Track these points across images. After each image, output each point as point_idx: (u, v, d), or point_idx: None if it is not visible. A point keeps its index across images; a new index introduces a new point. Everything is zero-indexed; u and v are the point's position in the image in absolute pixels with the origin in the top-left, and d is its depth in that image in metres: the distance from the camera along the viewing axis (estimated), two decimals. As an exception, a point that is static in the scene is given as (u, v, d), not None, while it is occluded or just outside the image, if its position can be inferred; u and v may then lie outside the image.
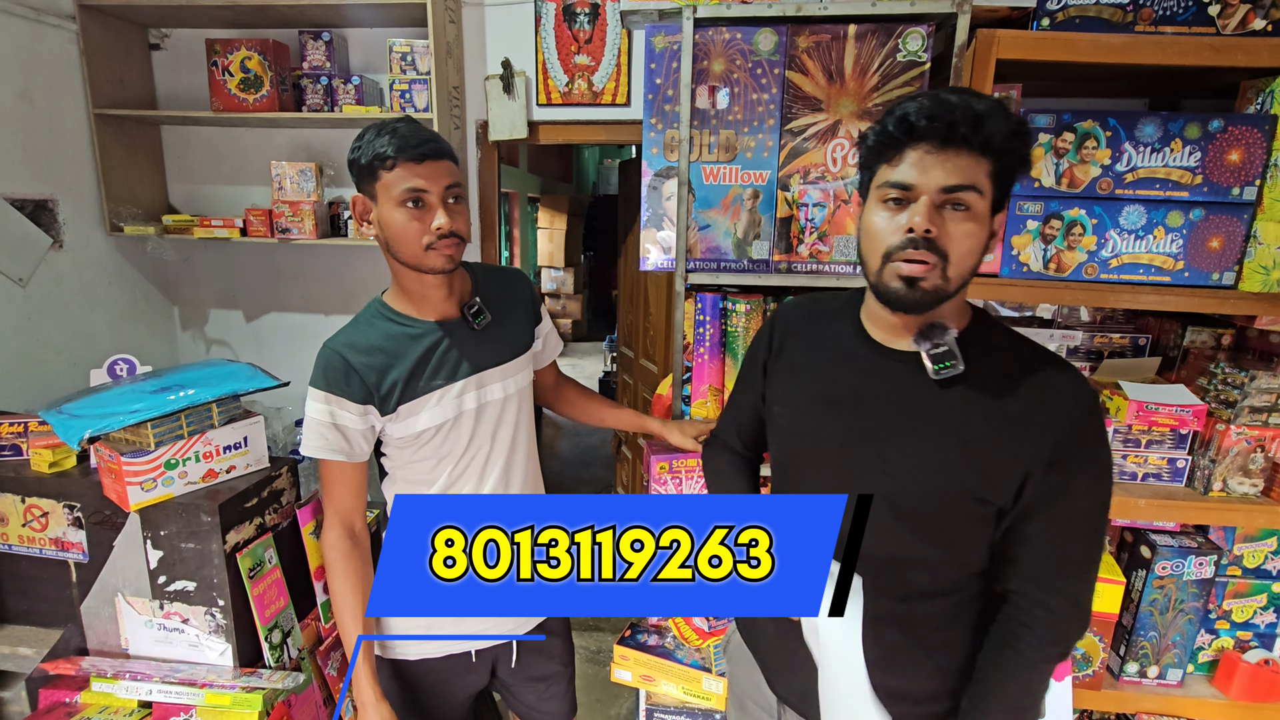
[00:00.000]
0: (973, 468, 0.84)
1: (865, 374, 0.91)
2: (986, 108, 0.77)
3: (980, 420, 0.84)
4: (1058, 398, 0.83)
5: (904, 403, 0.88)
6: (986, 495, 0.84)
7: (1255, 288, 1.38)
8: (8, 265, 1.88)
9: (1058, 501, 0.84)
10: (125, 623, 1.27)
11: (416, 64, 1.95)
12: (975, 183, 0.78)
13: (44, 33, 1.95)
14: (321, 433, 1.10)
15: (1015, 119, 0.79)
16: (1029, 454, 0.82)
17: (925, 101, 0.79)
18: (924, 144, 0.78)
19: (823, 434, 0.93)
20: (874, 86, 1.41)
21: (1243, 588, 1.58)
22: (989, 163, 0.79)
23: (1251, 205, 1.37)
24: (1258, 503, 1.48)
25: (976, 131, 0.76)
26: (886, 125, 0.81)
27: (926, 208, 0.79)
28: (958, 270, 0.81)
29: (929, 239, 0.79)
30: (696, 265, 1.52)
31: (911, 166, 0.79)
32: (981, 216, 0.80)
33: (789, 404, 0.99)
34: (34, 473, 1.34)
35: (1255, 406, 1.46)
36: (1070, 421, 0.82)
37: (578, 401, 1.52)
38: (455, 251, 1.09)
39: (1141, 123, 1.36)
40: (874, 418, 0.89)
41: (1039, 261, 1.44)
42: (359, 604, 1.15)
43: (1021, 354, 0.88)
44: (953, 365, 0.84)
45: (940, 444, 0.85)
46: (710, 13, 1.39)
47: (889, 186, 0.81)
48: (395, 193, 1.05)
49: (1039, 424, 0.82)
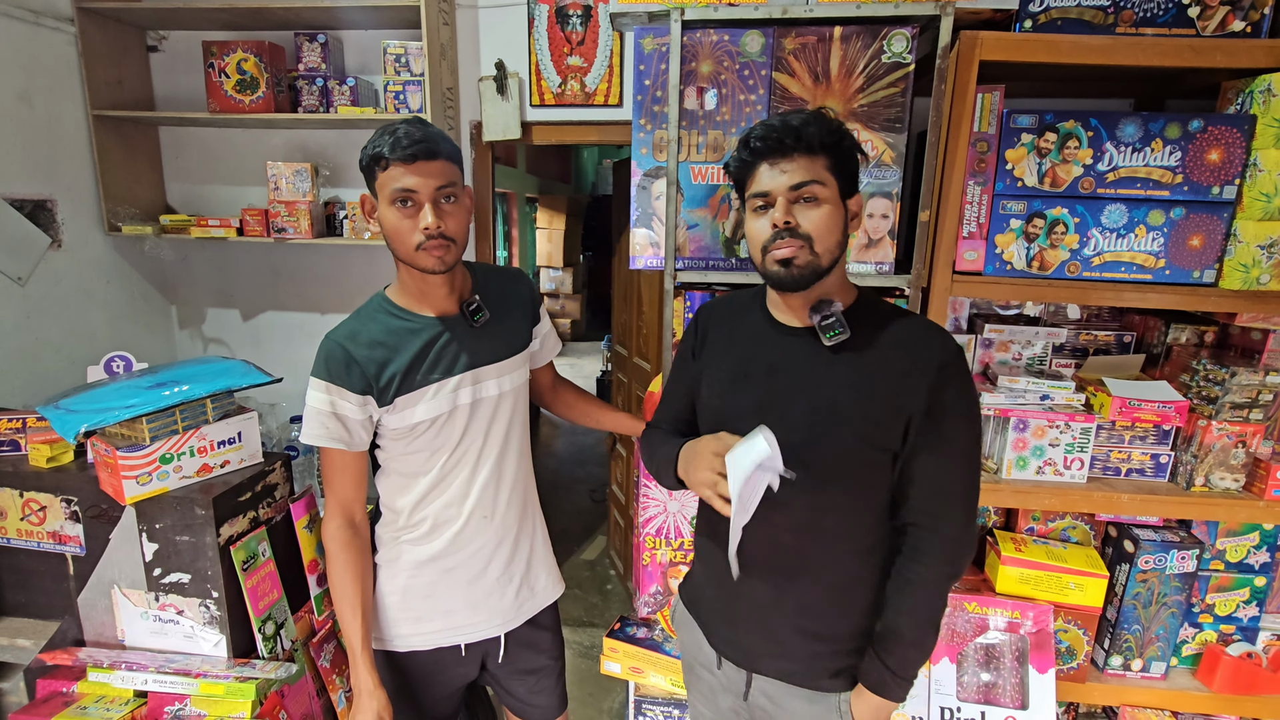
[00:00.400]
0: (865, 417, 1.00)
1: (772, 350, 1.07)
2: (802, 121, 0.97)
3: (868, 377, 1.01)
4: (927, 353, 1.00)
5: (804, 369, 1.04)
6: (879, 441, 1.00)
7: (1235, 285, 1.40)
8: (7, 264, 1.91)
9: (935, 442, 1.00)
10: (121, 614, 1.29)
11: (410, 65, 1.97)
12: (815, 177, 0.97)
13: (43, 35, 1.97)
14: (322, 421, 1.13)
15: (831, 124, 0.98)
16: (909, 402, 0.98)
17: (759, 128, 0.99)
18: (767, 158, 0.98)
19: (741, 403, 1.08)
20: (859, 88, 1.43)
21: (1225, 581, 1.60)
22: (824, 159, 0.97)
23: (1231, 204, 1.39)
24: (1239, 497, 1.50)
25: (800, 140, 0.96)
26: (740, 152, 1.01)
27: (783, 204, 0.97)
28: (823, 246, 0.98)
29: (790, 228, 0.97)
30: (685, 264, 1.54)
31: (764, 177, 0.98)
32: (832, 201, 0.98)
33: (713, 383, 1.13)
34: (32, 467, 1.36)
35: (1236, 402, 1.48)
36: (937, 371, 0.98)
37: (574, 403, 1.54)
38: (444, 253, 1.11)
39: (1122, 123, 1.38)
40: (781, 384, 1.05)
41: (1022, 259, 1.46)
42: (357, 593, 1.18)
43: (899, 321, 1.04)
44: (841, 332, 1.00)
45: (836, 400, 1.01)
46: (698, 15, 1.41)
47: (754, 197, 1.00)
48: (388, 192, 1.09)
49: (914, 376, 0.99)
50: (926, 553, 1.03)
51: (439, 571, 1.24)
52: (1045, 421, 1.52)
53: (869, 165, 1.44)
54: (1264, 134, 1.34)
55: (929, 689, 1.51)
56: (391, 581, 1.24)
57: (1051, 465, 1.55)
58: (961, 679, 1.52)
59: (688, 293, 1.55)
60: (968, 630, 1.53)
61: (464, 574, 1.25)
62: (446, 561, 1.24)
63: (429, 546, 1.23)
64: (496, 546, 1.27)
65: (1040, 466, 1.55)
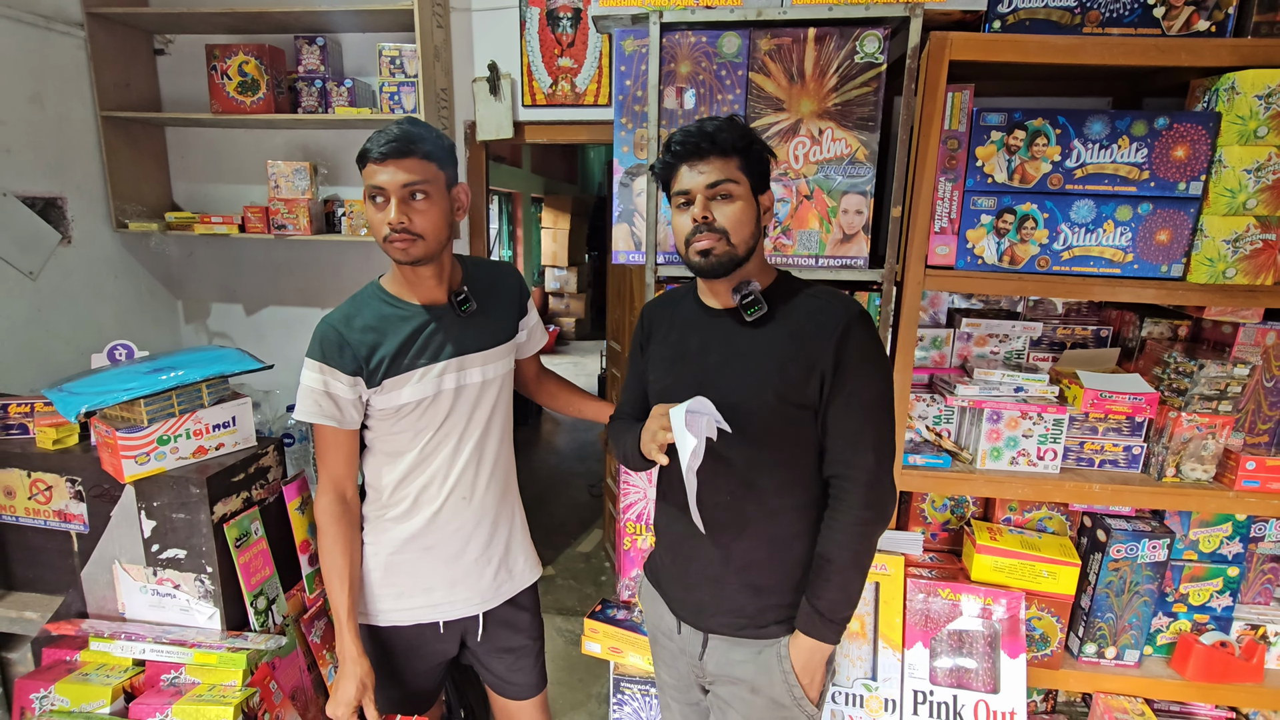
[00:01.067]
0: (783, 378, 1.10)
1: (703, 331, 1.19)
2: (715, 127, 1.07)
3: (784, 343, 1.11)
4: (833, 314, 1.10)
5: (731, 343, 1.15)
6: (796, 399, 1.10)
7: (1202, 279, 1.43)
8: (19, 259, 1.99)
9: (844, 394, 1.09)
10: (122, 588, 1.36)
11: (405, 67, 2.04)
12: (729, 176, 1.07)
13: (54, 40, 2.05)
14: (315, 399, 1.20)
15: (741, 129, 1.09)
16: (820, 360, 1.09)
17: (679, 134, 1.09)
18: (687, 160, 1.08)
19: (681, 379, 1.18)
20: (833, 87, 1.47)
21: (1199, 571, 1.63)
22: (736, 160, 1.08)
23: (1198, 200, 1.42)
24: (1210, 488, 1.53)
25: (714, 143, 1.07)
26: (664, 155, 1.12)
27: (701, 201, 1.08)
28: (738, 237, 1.08)
29: (708, 223, 1.08)
30: (666, 258, 1.59)
31: (684, 177, 1.09)
32: (744, 197, 1.09)
33: (657, 367, 1.25)
34: (39, 449, 1.43)
35: (1205, 394, 1.51)
36: (842, 329, 1.08)
37: (558, 393, 1.59)
38: (409, 245, 1.16)
39: (1090, 121, 1.41)
40: (713, 359, 1.16)
41: (993, 254, 1.49)
42: (346, 565, 1.24)
43: (810, 294, 1.15)
44: (759, 309, 1.11)
45: (760, 365, 1.12)
46: (676, 17, 1.46)
47: (677, 195, 1.11)
48: (365, 187, 1.17)
49: (822, 337, 1.09)
50: (844, 500, 1.11)
51: (419, 550, 1.30)
52: (1018, 413, 1.55)
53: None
54: (1228, 131, 1.37)
55: (902, 673, 1.55)
56: (374, 558, 1.30)
57: (1025, 456, 1.58)
58: (934, 663, 1.55)
59: (669, 286, 1.59)
60: (941, 616, 1.56)
61: (443, 553, 1.31)
62: (426, 540, 1.29)
63: (409, 524, 1.29)
64: (475, 528, 1.33)
65: (1014, 457, 1.59)
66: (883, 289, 1.50)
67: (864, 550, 1.13)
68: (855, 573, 1.12)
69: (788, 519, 1.16)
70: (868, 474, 1.10)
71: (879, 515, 1.12)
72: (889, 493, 1.12)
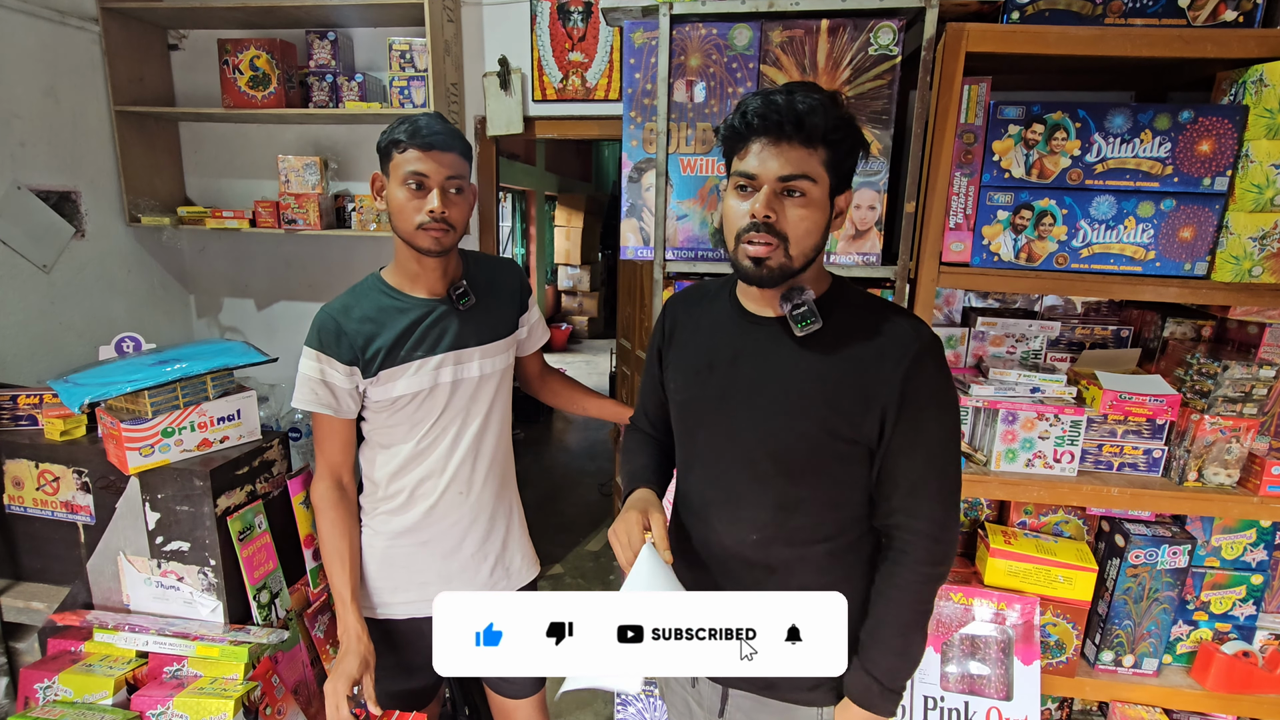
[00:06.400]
0: (833, 409, 0.94)
1: (738, 339, 1.01)
2: (808, 106, 0.86)
3: (837, 367, 0.95)
4: (900, 339, 0.94)
5: (771, 359, 0.98)
6: (849, 434, 0.94)
7: (1227, 278, 1.38)
8: (33, 252, 2.00)
9: (910, 435, 0.93)
10: (126, 580, 1.36)
11: (415, 62, 2.03)
12: (808, 172, 0.88)
13: (69, 34, 2.07)
14: (312, 388, 1.21)
15: (837, 114, 0.88)
16: (882, 393, 0.92)
17: (759, 100, 0.88)
18: (762, 138, 0.88)
19: (705, 395, 1.03)
20: (846, 80, 1.44)
21: (1221, 579, 1.58)
22: (823, 152, 0.88)
23: (1223, 196, 1.37)
24: (1233, 493, 1.48)
25: (800, 127, 0.86)
26: (733, 121, 0.91)
27: (766, 195, 0.89)
28: (799, 249, 0.91)
29: (769, 223, 0.89)
30: (675, 254, 1.57)
31: (754, 158, 0.89)
32: (817, 201, 0.90)
33: (678, 376, 1.09)
34: (47, 440, 1.44)
35: (1229, 396, 1.46)
36: (911, 359, 0.92)
37: (561, 391, 1.58)
38: (443, 236, 1.19)
39: (1111, 114, 1.37)
40: (746, 375, 0.99)
41: (1010, 251, 1.46)
42: (345, 546, 1.25)
43: (873, 310, 0.98)
44: (812, 322, 0.94)
45: (803, 391, 0.95)
46: (686, 9, 1.44)
47: (739, 175, 0.91)
48: (401, 173, 1.17)
49: (886, 365, 0.92)
50: (907, 553, 0.97)
51: (415, 544, 1.30)
52: (1034, 414, 1.52)
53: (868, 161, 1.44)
54: (1256, 125, 1.32)
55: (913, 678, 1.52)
56: (371, 550, 1.30)
57: (1041, 458, 1.55)
58: (946, 669, 1.52)
59: (678, 282, 1.57)
60: (953, 621, 1.53)
61: (439, 548, 1.31)
62: (422, 534, 1.29)
63: (405, 517, 1.29)
64: (471, 523, 1.32)
65: (1030, 459, 1.55)
66: (895, 286, 1.47)
67: (925, 610, 0.99)
68: (917, 634, 0.98)
69: (824, 564, 1.01)
70: (934, 526, 0.96)
71: (942, 573, 0.98)
72: (954, 546, 0.99)
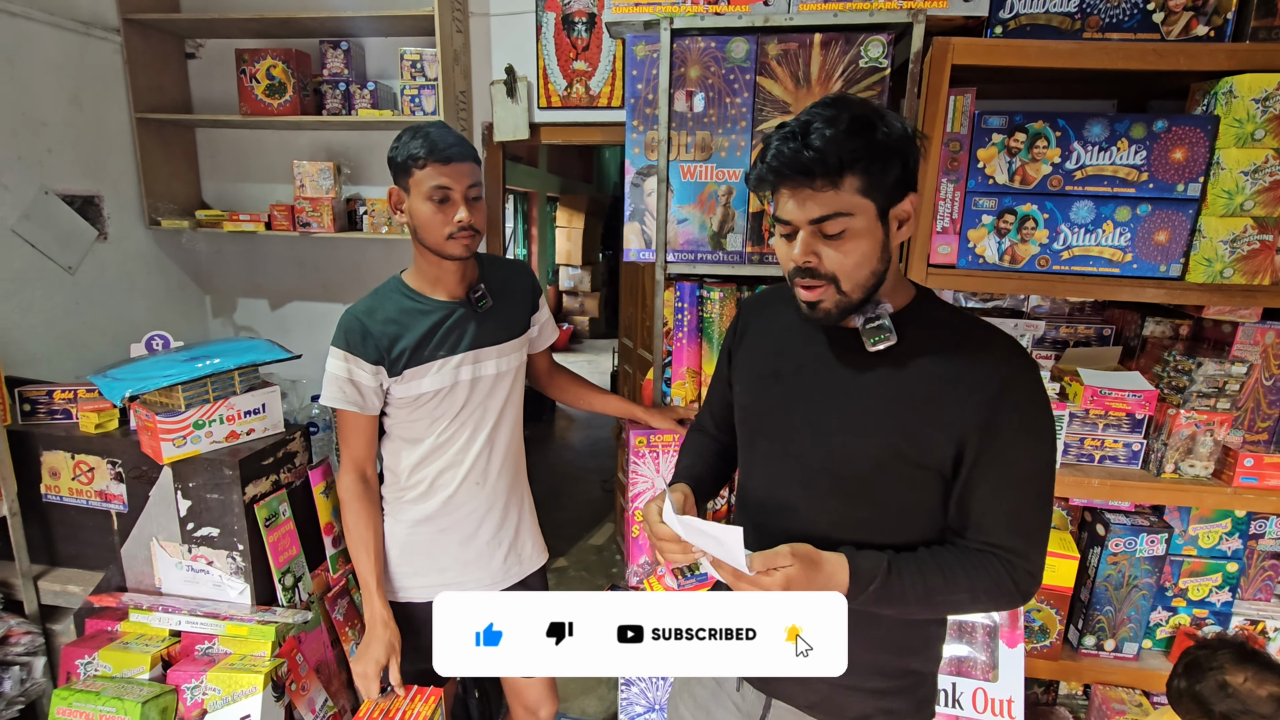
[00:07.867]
0: (901, 430, 0.88)
1: (805, 349, 0.97)
2: (824, 140, 0.78)
3: (911, 386, 0.88)
4: (988, 360, 0.87)
5: (838, 372, 0.93)
6: (918, 458, 0.87)
7: (1200, 279, 1.45)
8: (59, 254, 2.08)
9: (998, 466, 0.86)
10: (159, 564, 1.44)
11: (425, 70, 2.11)
12: (840, 209, 0.81)
13: (92, 44, 2.15)
14: (340, 386, 1.28)
15: (861, 138, 0.79)
16: (962, 416, 0.85)
17: (775, 145, 0.82)
18: (786, 184, 0.83)
19: (767, 404, 1.00)
20: (838, 90, 1.52)
21: (1198, 567, 1.65)
22: (855, 180, 0.80)
23: (1196, 201, 1.44)
24: (1208, 484, 1.55)
25: (822, 164, 0.79)
26: (758, 168, 0.85)
27: (804, 241, 0.84)
28: (851, 283, 0.85)
29: (810, 268, 0.85)
30: (675, 256, 1.64)
31: (784, 203, 0.85)
32: (861, 231, 0.83)
33: (744, 380, 1.06)
34: (82, 433, 1.52)
35: (1203, 392, 1.53)
36: (1000, 382, 0.84)
37: (569, 387, 1.66)
38: (471, 242, 1.27)
39: (1089, 123, 1.44)
40: (810, 387, 0.95)
41: (994, 254, 1.53)
42: (370, 535, 1.33)
43: (957, 326, 0.91)
44: (886, 338, 0.87)
45: (870, 409, 0.90)
46: (686, 23, 1.51)
47: (777, 221, 0.87)
48: (424, 188, 1.23)
49: (970, 386, 0.85)
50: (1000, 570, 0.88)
51: (434, 531, 1.37)
52: (1018, 408, 1.59)
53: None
54: (1226, 134, 1.40)
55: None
56: (392, 538, 1.38)
57: (1025, 451, 1.62)
58: (933, 652, 1.59)
59: (678, 284, 1.65)
60: (940, 605, 1.60)
61: (456, 535, 1.38)
62: (441, 522, 1.37)
63: (425, 506, 1.36)
64: (487, 512, 1.40)
65: (1014, 452, 1.62)
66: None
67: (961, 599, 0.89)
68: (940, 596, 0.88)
69: None
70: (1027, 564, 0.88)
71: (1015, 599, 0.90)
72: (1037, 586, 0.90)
